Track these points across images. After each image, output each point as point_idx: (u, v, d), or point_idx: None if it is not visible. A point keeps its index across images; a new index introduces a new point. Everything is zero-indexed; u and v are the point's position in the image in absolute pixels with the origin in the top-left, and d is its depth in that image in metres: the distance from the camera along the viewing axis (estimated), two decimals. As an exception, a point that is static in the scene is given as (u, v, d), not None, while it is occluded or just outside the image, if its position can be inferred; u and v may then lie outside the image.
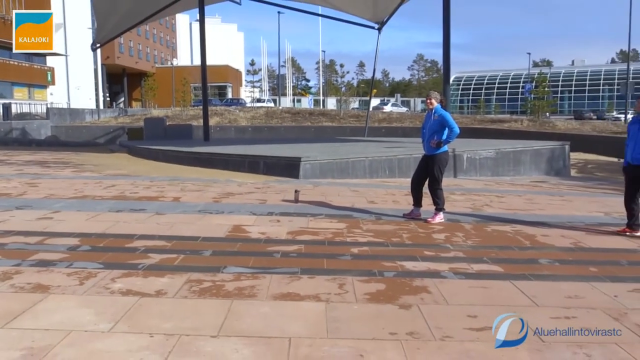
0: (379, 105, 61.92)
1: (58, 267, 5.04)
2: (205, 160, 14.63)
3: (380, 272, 5.13)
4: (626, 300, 4.50)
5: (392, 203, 9.20)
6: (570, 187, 12.67)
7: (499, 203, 9.63)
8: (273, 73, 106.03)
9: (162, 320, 3.84)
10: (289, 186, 10.49)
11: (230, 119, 42.89)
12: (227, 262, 5.34)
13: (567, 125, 37.10)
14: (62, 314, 3.92)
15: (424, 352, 3.44)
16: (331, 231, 6.87)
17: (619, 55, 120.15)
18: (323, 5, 28.93)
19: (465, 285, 4.82)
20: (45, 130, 36.71)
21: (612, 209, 9.19)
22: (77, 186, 10.49)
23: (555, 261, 5.71)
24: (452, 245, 6.29)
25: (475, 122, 40.58)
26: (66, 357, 3.25)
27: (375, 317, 4.01)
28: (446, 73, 17.80)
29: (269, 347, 3.46)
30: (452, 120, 7.48)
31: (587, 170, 20.05)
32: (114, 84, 69.47)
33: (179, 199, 9.11)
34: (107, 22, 25.01)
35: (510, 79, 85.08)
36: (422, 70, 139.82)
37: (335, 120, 43.48)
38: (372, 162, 13.05)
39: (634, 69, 66.78)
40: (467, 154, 14.10)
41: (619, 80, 68.81)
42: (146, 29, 71.29)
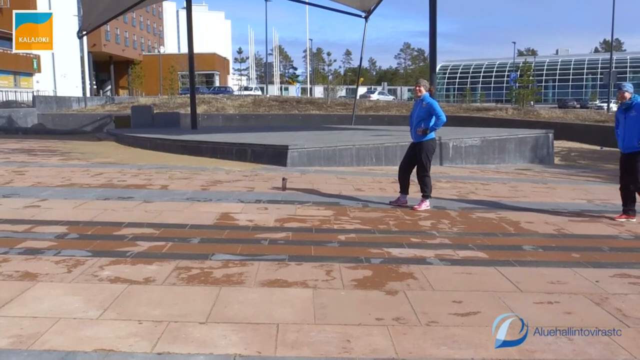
0: (366, 94, 61.80)
1: (46, 255, 5.01)
2: (193, 148, 14.55)
3: (367, 259, 5.15)
4: (607, 285, 4.57)
5: (378, 190, 9.22)
6: (553, 175, 12.77)
7: (484, 190, 9.69)
8: (260, 61, 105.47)
9: (150, 307, 3.83)
10: (277, 174, 10.47)
11: (218, 107, 42.66)
12: (215, 249, 5.33)
13: (551, 114, 37.33)
14: (50, 302, 3.90)
15: (410, 337, 3.47)
16: (318, 218, 6.88)
17: (602, 45, 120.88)
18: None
19: (450, 272, 4.86)
20: (32, 118, 36.31)
21: (595, 196, 9.29)
22: (65, 174, 10.40)
23: (538, 247, 5.77)
24: (438, 232, 6.33)
25: (461, 111, 40.68)
26: (55, 344, 3.23)
27: (362, 303, 4.03)
28: (432, 62, 17.79)
29: (257, 333, 3.47)
30: (440, 108, 7.50)
31: (571, 158, 20.21)
32: (101, 72, 68.78)
33: (167, 187, 9.07)
34: (93, 9, 24.70)
35: (495, 68, 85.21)
36: (409, 59, 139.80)
37: (323, 108, 43.40)
38: (359, 150, 13.05)
39: (616, 58, 67.26)
40: (453, 142, 14.15)
41: (602, 69, 69.13)
42: (133, 16, 70.48)
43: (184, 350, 3.20)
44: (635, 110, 6.98)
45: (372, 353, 3.23)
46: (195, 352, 3.18)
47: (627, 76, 67.78)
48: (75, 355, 3.10)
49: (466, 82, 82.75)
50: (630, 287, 4.56)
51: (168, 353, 3.16)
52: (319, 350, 3.25)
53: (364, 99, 51.06)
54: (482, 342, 3.42)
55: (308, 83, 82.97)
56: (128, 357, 3.11)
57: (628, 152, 7.14)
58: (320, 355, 3.20)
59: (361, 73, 42.82)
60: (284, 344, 3.32)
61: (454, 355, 3.23)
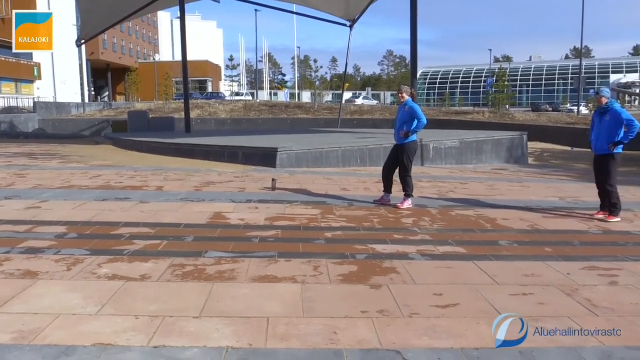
0: (351, 99, 61.84)
1: (46, 254, 4.96)
2: (187, 151, 14.48)
3: (352, 255, 5.15)
4: (578, 277, 4.61)
5: (363, 190, 9.23)
6: (528, 174, 12.86)
7: (463, 189, 9.73)
8: (251, 68, 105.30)
9: (147, 303, 3.81)
10: (267, 175, 10.45)
11: (211, 112, 42.43)
12: (209, 247, 5.31)
13: (525, 117, 37.55)
14: (51, 299, 3.86)
15: (394, 328, 3.48)
16: (306, 217, 6.88)
17: (573, 52, 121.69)
18: (298, 3, 28.72)
19: (431, 266, 4.88)
20: (33, 124, 35.90)
21: (566, 194, 9.37)
22: (64, 177, 10.31)
23: (514, 242, 5.81)
24: (420, 229, 6.35)
25: (441, 114, 40.81)
26: (56, 339, 3.21)
27: (348, 297, 4.04)
28: (414, 68, 17.87)
29: (248, 326, 3.46)
30: (421, 112, 7.53)
31: (544, 158, 20.35)
32: (99, 79, 68.19)
33: (162, 188, 9.02)
34: (91, 19, 24.55)
35: (473, 74, 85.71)
36: (392, 65, 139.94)
37: (310, 112, 43.33)
38: (345, 152, 13.06)
39: (586, 64, 67.94)
40: (433, 144, 14.20)
41: (572, 75, 69.87)
42: (129, 25, 69.98)
43: (179, 344, 3.18)
44: (610, 115, 7.00)
45: (357, 344, 3.24)
46: (189, 345, 3.16)
47: (595, 81, 68.53)
48: (75, 349, 3.08)
49: (446, 87, 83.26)
50: (599, 278, 4.61)
51: (164, 346, 3.15)
52: (308, 342, 3.25)
53: (350, 104, 51.07)
54: (461, 332, 3.44)
55: (296, 89, 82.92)
56: (125, 350, 3.09)
57: (600, 154, 7.18)
58: (309, 346, 3.20)
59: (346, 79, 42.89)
60: (274, 337, 3.32)
61: (435, 345, 3.25)
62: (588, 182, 7.58)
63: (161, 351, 3.09)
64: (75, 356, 3.00)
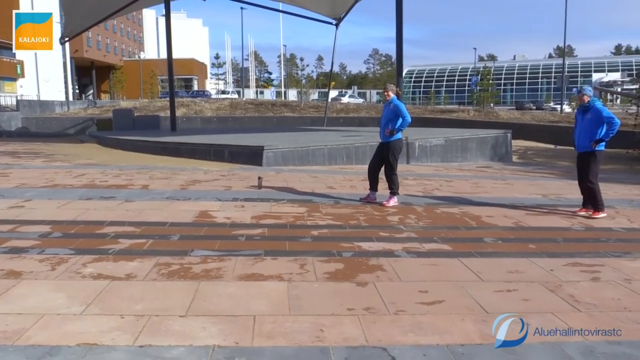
0: (337, 97, 61.88)
1: (30, 254, 4.91)
2: (172, 149, 14.39)
3: (338, 253, 5.16)
4: (561, 273, 4.66)
5: (349, 188, 9.25)
6: (512, 172, 12.96)
7: (447, 187, 9.78)
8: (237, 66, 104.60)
9: (132, 302, 3.78)
10: (253, 173, 10.42)
11: (196, 110, 42.19)
12: (194, 245, 5.29)
13: (509, 115, 37.81)
14: (35, 299, 3.82)
15: (380, 325, 3.49)
16: (293, 215, 6.87)
17: (556, 51, 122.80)
18: (284, 1, 28.64)
19: (417, 263, 4.90)
20: (16, 122, 35.40)
21: (549, 191, 9.46)
22: (48, 175, 10.19)
23: (498, 239, 5.86)
24: (405, 227, 6.37)
25: (427, 112, 40.95)
26: (39, 339, 3.17)
27: (334, 295, 4.04)
28: (399, 66, 17.89)
29: (234, 324, 3.45)
30: (406, 110, 7.55)
31: (527, 156, 20.51)
32: (83, 77, 67.45)
33: (148, 187, 8.96)
34: (75, 16, 24.26)
35: (458, 72, 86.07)
36: (378, 64, 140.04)
37: (296, 110, 43.26)
38: (331, 150, 13.06)
39: (569, 63, 68.55)
40: (418, 142, 14.26)
41: (555, 73, 70.41)
42: (114, 23, 69.28)
43: (165, 343, 3.16)
44: (591, 113, 7.07)
45: (343, 341, 3.25)
46: (175, 344, 3.15)
47: (578, 80, 69.17)
48: (59, 349, 3.05)
49: (431, 86, 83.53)
50: (582, 274, 4.67)
51: (149, 345, 3.13)
52: (294, 340, 3.25)
53: (336, 102, 51.08)
54: (446, 328, 3.46)
55: (282, 87, 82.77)
56: (111, 350, 3.07)
57: (582, 151, 7.27)
58: (295, 344, 3.20)
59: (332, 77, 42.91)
60: (260, 335, 3.31)
61: (420, 342, 3.27)
62: (571, 180, 7.66)
63: (147, 350, 3.07)
64: (59, 356, 2.98)
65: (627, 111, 27.73)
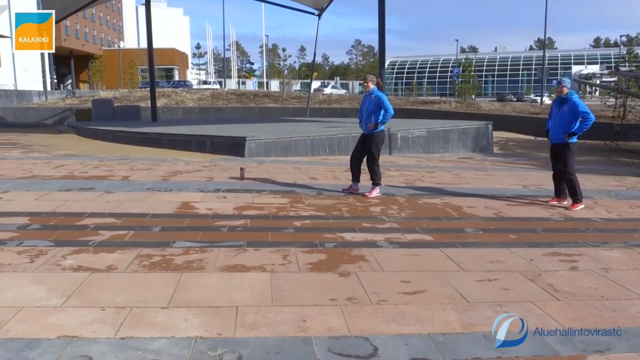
0: (320, 88, 61.74)
1: (8, 246, 4.83)
2: (153, 140, 14.26)
3: (321, 243, 5.17)
4: (540, 263, 4.73)
5: (332, 179, 9.26)
6: (493, 163, 13.08)
7: (429, 178, 9.84)
8: (219, 56, 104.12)
9: (113, 294, 3.75)
10: (235, 164, 10.38)
11: (178, 101, 41.84)
12: (176, 237, 5.26)
13: (490, 107, 38.10)
14: (13, 292, 3.77)
15: (362, 315, 3.51)
16: (275, 206, 6.86)
17: (537, 43, 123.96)
18: (266, -9, 28.43)
19: (399, 254, 4.93)
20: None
21: (529, 182, 9.57)
22: (26, 166, 10.04)
23: (479, 230, 5.92)
24: (388, 217, 6.40)
25: (409, 104, 41.08)
26: (19, 332, 3.13)
27: (317, 285, 4.05)
28: (382, 58, 17.90)
29: (217, 315, 3.44)
30: (388, 102, 7.55)
31: (508, 147, 20.71)
32: (61, 66, 66.38)
33: (128, 178, 8.87)
34: (53, 5, 23.78)
35: (440, 64, 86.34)
36: (360, 54, 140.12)
37: (279, 101, 43.11)
38: (314, 141, 13.05)
39: (549, 55, 69.04)
40: (401, 133, 14.31)
41: (536, 65, 70.91)
42: (92, 11, 68.24)
43: (146, 334, 3.15)
44: (568, 105, 7.14)
45: (326, 331, 3.26)
46: (157, 336, 3.13)
47: (558, 72, 69.79)
48: (39, 342, 3.02)
49: (413, 77, 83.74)
50: (561, 264, 4.74)
51: (131, 337, 3.11)
52: (277, 330, 3.26)
53: (318, 93, 50.99)
54: (428, 318, 3.49)
55: (264, 77, 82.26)
56: (92, 342, 3.04)
57: (556, 142, 7.36)
58: (278, 334, 3.21)
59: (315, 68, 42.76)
60: (243, 325, 3.31)
61: (402, 331, 3.29)
62: (550, 171, 7.75)
63: (128, 342, 3.05)
64: (39, 349, 2.94)
65: (605, 103, 28.14)
